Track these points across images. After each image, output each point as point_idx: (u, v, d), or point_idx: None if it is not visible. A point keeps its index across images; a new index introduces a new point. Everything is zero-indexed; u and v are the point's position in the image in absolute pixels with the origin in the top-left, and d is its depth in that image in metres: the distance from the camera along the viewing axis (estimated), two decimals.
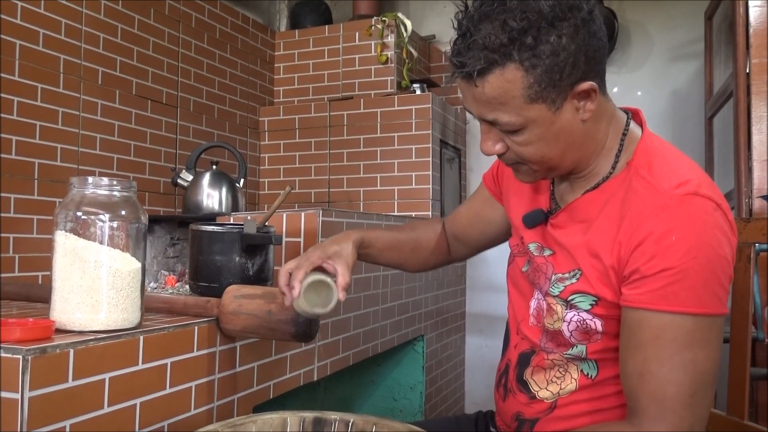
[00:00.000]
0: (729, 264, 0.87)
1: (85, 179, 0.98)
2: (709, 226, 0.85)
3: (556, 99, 0.89)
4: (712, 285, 0.84)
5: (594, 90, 0.90)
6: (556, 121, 0.90)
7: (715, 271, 0.85)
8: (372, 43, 2.78)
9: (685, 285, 0.83)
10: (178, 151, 2.30)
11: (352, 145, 2.69)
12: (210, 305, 1.17)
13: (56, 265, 0.96)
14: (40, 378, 0.82)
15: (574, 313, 0.94)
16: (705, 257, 0.84)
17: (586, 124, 0.93)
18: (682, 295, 0.83)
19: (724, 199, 0.89)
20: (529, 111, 0.89)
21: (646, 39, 2.96)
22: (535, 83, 0.87)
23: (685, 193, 0.86)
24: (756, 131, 1.84)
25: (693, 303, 0.84)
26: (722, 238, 0.86)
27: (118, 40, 2.05)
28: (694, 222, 0.85)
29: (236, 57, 2.67)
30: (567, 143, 0.93)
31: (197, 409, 1.12)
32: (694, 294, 0.83)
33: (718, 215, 0.87)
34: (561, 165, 0.96)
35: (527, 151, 0.93)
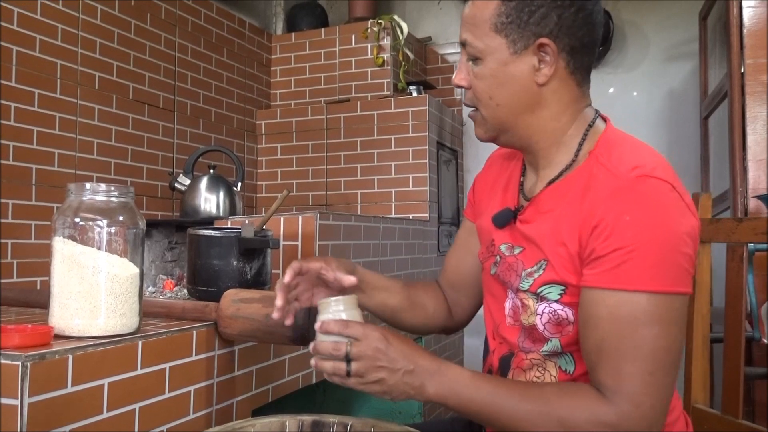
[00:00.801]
0: (687, 243, 0.86)
1: (83, 185, 0.98)
2: (664, 206, 0.86)
3: (517, 41, 0.93)
4: (668, 263, 0.84)
5: (553, 51, 0.92)
6: (510, 64, 0.94)
7: (671, 249, 0.84)
8: (368, 46, 2.78)
9: (639, 263, 0.83)
10: (175, 155, 2.31)
11: (349, 148, 2.70)
12: (208, 309, 1.17)
13: (54, 271, 0.96)
14: (39, 384, 0.82)
15: (546, 305, 0.94)
16: (659, 235, 0.84)
17: (544, 93, 0.95)
18: (636, 273, 0.83)
19: (680, 183, 0.90)
20: (491, 40, 0.94)
21: (642, 39, 2.97)
22: (504, 14, 0.93)
23: (639, 174, 0.87)
24: (751, 131, 1.85)
25: (648, 281, 0.83)
26: (679, 217, 0.86)
27: (114, 44, 2.06)
28: (648, 201, 0.85)
29: (233, 60, 2.67)
30: (519, 99, 0.95)
31: (196, 413, 1.12)
32: (649, 272, 0.83)
33: (673, 195, 0.87)
34: (512, 125, 0.98)
35: (479, 86, 0.97)
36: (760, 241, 1.16)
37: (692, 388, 1.27)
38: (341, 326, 0.92)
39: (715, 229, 1.26)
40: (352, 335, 0.90)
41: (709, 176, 2.63)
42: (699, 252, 1.30)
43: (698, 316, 1.27)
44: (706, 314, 1.27)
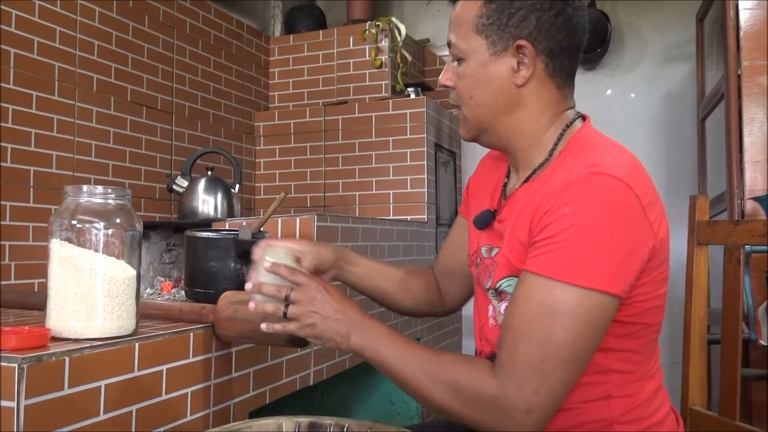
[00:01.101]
0: (631, 242, 0.85)
1: (80, 188, 0.98)
2: (609, 203, 0.84)
3: (497, 43, 0.95)
4: (597, 260, 0.82)
5: (530, 52, 0.94)
6: (490, 65, 0.96)
7: (605, 246, 0.83)
8: (366, 48, 2.79)
9: (563, 253, 0.83)
10: (173, 157, 2.31)
11: (347, 150, 2.70)
12: (205, 311, 1.17)
13: (51, 273, 0.97)
14: (35, 386, 0.82)
15: (505, 303, 0.96)
16: (595, 230, 0.83)
17: (523, 94, 0.97)
18: (559, 263, 0.83)
19: (643, 186, 0.88)
20: (472, 41, 0.97)
21: (639, 41, 2.98)
22: (485, 15, 0.96)
23: (591, 171, 0.87)
24: (747, 133, 1.86)
25: (566, 272, 0.82)
26: (624, 216, 0.85)
27: (112, 47, 2.06)
28: (593, 197, 0.85)
29: (231, 62, 2.68)
30: (497, 99, 0.97)
31: (193, 415, 1.12)
32: (571, 264, 0.83)
33: (626, 194, 0.85)
34: (491, 125, 1.00)
35: (461, 85, 0.99)
36: (757, 243, 1.16)
37: (689, 389, 1.27)
38: (289, 271, 1.00)
39: (712, 231, 1.26)
40: (295, 281, 0.99)
41: (706, 178, 2.63)
42: (696, 254, 1.30)
43: (695, 318, 1.27)
44: (703, 316, 1.27)
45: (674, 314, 2.55)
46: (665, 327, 0.99)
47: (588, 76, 3.03)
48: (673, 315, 2.94)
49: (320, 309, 0.97)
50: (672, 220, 0.99)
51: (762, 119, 1.87)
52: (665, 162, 2.90)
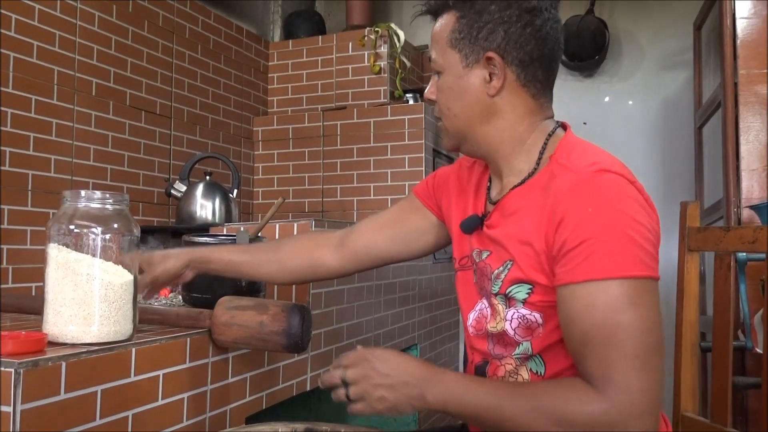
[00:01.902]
0: (647, 233, 0.88)
1: (78, 192, 0.99)
2: (623, 196, 0.88)
3: (469, 55, 1.00)
4: (633, 249, 0.86)
5: (499, 64, 0.98)
6: (464, 77, 1.01)
7: (633, 236, 0.86)
8: (365, 53, 2.79)
9: (605, 252, 0.85)
10: (172, 161, 2.31)
11: (346, 155, 2.71)
12: (202, 316, 1.18)
13: (49, 278, 0.97)
14: (32, 391, 0.82)
15: (514, 310, 0.97)
16: (621, 224, 0.86)
17: (497, 104, 1.00)
18: (604, 262, 0.85)
19: (636, 180, 0.92)
20: (448, 55, 1.02)
21: (637, 48, 2.99)
22: (457, 30, 1.01)
23: (597, 169, 0.90)
24: (744, 141, 1.86)
25: (615, 268, 0.85)
26: (638, 207, 0.88)
27: (112, 51, 2.06)
28: (608, 193, 0.88)
29: (230, 67, 2.68)
30: (472, 109, 1.01)
31: (190, 420, 1.12)
32: (616, 259, 0.85)
33: (631, 189, 0.90)
34: (470, 134, 1.03)
35: (440, 98, 1.04)
36: (747, 249, 1.16)
37: (681, 395, 1.27)
38: (335, 362, 1.01)
39: (704, 238, 1.27)
40: (344, 364, 0.99)
41: (703, 185, 2.64)
42: (687, 260, 1.31)
43: (686, 324, 1.28)
44: (695, 322, 1.27)
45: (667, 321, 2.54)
46: None
47: (586, 83, 3.04)
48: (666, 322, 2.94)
49: (382, 380, 0.94)
50: (668, 227, 1.00)
51: (759, 127, 1.88)
52: (662, 169, 2.91)
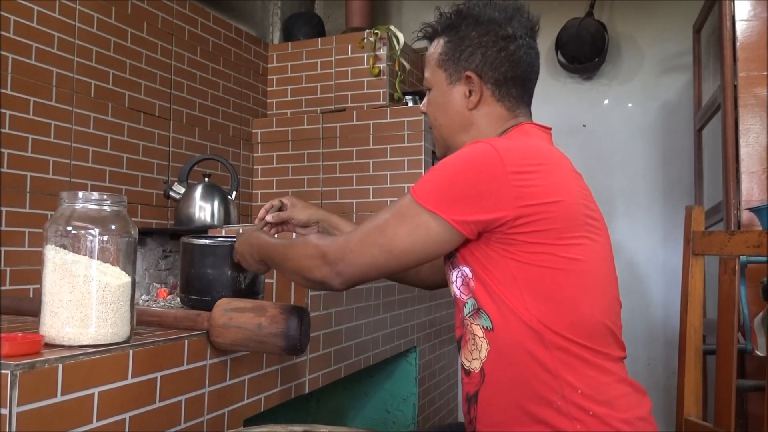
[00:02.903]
0: (468, 184, 0.99)
1: (75, 194, 0.98)
2: (470, 154, 1.01)
3: (453, 74, 1.15)
4: (440, 187, 1.00)
5: (476, 82, 1.13)
6: (448, 93, 1.16)
7: (451, 180, 1.00)
8: (364, 56, 2.79)
9: (423, 178, 1.04)
10: (170, 163, 2.31)
11: (345, 157, 2.70)
12: (200, 318, 1.17)
13: (46, 279, 0.96)
14: (28, 393, 0.82)
15: (457, 270, 1.09)
16: (447, 167, 1.01)
17: (475, 116, 1.15)
18: (417, 184, 1.03)
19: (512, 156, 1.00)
20: (436, 74, 1.18)
21: (637, 52, 2.99)
22: (443, 52, 1.16)
23: (476, 140, 1.06)
24: (744, 143, 1.86)
25: (419, 191, 1.02)
26: (473, 164, 1.00)
27: (110, 53, 2.06)
28: (463, 151, 1.03)
29: (229, 69, 2.68)
30: (454, 120, 1.17)
31: (187, 423, 1.12)
32: (423, 185, 1.02)
33: (489, 154, 0.99)
34: (452, 142, 1.18)
35: (429, 111, 1.21)
36: (751, 253, 1.16)
37: (684, 400, 1.27)
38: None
39: (708, 242, 1.26)
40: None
41: (702, 188, 2.64)
42: (691, 264, 1.30)
43: (690, 328, 1.27)
44: (699, 327, 1.27)
45: (670, 324, 2.54)
46: (661, 338, 0.99)
47: (586, 85, 3.04)
48: (669, 325, 2.91)
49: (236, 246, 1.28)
50: (667, 228, 1.01)
51: (758, 130, 1.87)
52: (662, 172, 2.90)
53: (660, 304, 2.83)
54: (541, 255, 0.99)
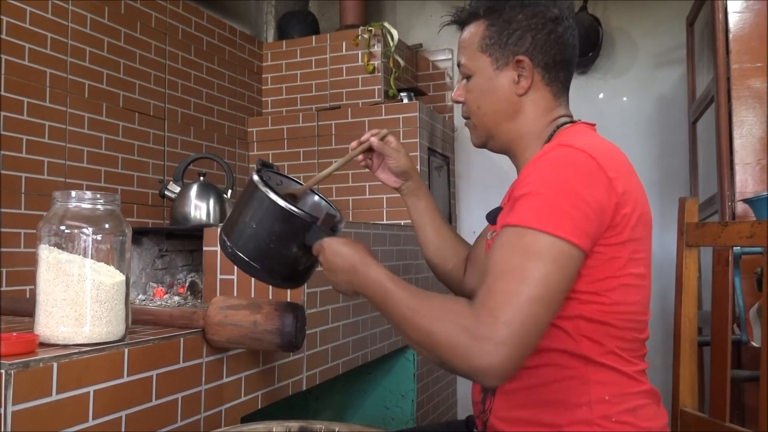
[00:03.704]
0: (586, 202, 0.91)
1: (68, 193, 0.98)
2: (571, 166, 0.93)
3: (499, 59, 1.10)
4: (558, 212, 0.90)
5: (528, 65, 1.08)
6: (495, 79, 1.11)
7: (565, 201, 0.90)
8: (359, 53, 2.79)
9: (530, 204, 0.91)
10: (166, 162, 2.31)
11: (341, 155, 2.68)
12: (195, 316, 1.17)
13: (40, 279, 0.96)
14: (23, 392, 0.82)
15: None
16: (557, 188, 0.91)
17: (524, 102, 1.10)
18: (525, 212, 0.91)
19: (606, 159, 0.94)
20: (478, 59, 1.12)
21: (631, 45, 2.99)
22: (488, 37, 1.11)
23: (559, 144, 0.98)
24: (738, 135, 1.86)
25: (533, 219, 0.90)
26: (583, 178, 0.92)
27: (104, 53, 2.06)
28: (557, 161, 0.95)
29: (224, 68, 2.68)
30: (500, 107, 1.11)
31: (184, 421, 1.12)
32: (537, 212, 0.90)
33: (588, 162, 0.93)
34: (496, 131, 1.13)
35: (471, 98, 1.14)
36: (745, 244, 1.16)
37: (680, 391, 1.27)
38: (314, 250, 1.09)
39: (701, 233, 1.26)
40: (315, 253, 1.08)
41: (697, 180, 2.64)
42: (685, 256, 1.31)
43: (685, 319, 1.28)
44: (693, 318, 1.27)
45: (666, 317, 2.54)
46: (656, 330, 1.00)
47: (580, 80, 3.04)
48: (665, 317, 2.92)
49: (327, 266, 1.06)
50: (664, 222, 1.01)
51: (752, 121, 1.88)
52: (657, 165, 2.91)
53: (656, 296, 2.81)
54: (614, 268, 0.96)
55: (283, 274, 1.10)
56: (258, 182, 1.07)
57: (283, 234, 1.06)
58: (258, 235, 1.06)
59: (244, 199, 1.10)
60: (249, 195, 1.09)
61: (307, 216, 1.06)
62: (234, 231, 1.09)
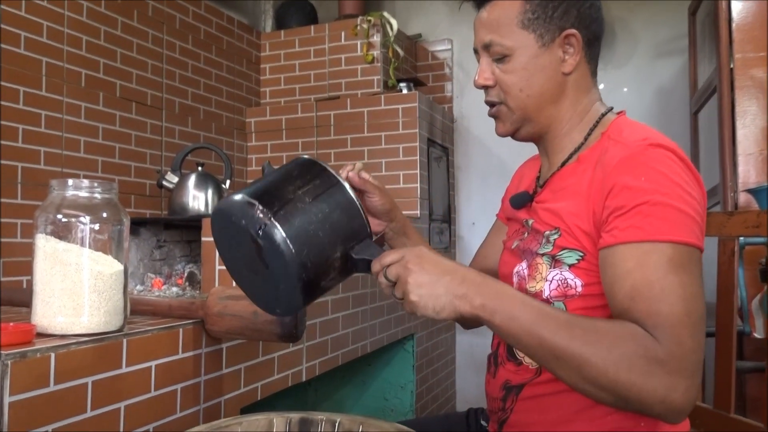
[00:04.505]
0: (699, 204, 0.89)
1: (65, 182, 0.97)
2: (676, 169, 0.89)
3: (544, 35, 1.01)
4: (684, 218, 0.86)
5: (578, 40, 1.01)
6: (540, 56, 1.01)
7: (685, 207, 0.86)
8: (358, 43, 2.77)
9: (660, 217, 0.85)
10: (164, 153, 2.29)
11: (340, 145, 2.69)
12: (194, 307, 1.16)
13: (37, 268, 0.95)
14: (20, 383, 0.81)
15: (557, 271, 0.96)
16: (675, 194, 0.86)
17: (568, 82, 1.03)
18: (659, 225, 0.85)
19: (686, 157, 0.92)
20: (519, 36, 1.01)
21: (631, 36, 2.97)
22: (529, 11, 1.00)
23: (649, 143, 0.91)
24: (740, 125, 1.85)
25: (670, 232, 0.85)
26: (689, 180, 0.89)
27: (101, 42, 2.04)
28: (661, 165, 0.89)
29: (222, 58, 2.66)
30: (545, 87, 1.02)
31: (183, 412, 1.11)
32: (670, 224, 0.85)
33: (682, 165, 0.90)
34: (536, 115, 1.04)
35: (509, 79, 1.02)
36: (750, 234, 1.15)
37: None
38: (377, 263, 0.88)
39: (707, 223, 1.25)
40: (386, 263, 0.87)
41: (699, 171, 2.63)
42: None
43: None
44: None
45: None
46: None
47: None
48: None
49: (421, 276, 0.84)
50: None
51: (755, 112, 1.86)
52: None
53: None
54: None
55: (309, 276, 0.84)
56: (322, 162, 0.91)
57: (338, 226, 0.86)
58: (309, 213, 0.84)
59: (295, 172, 0.89)
60: (305, 170, 0.89)
61: (368, 223, 0.90)
62: (274, 198, 0.84)
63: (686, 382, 0.78)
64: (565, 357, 0.80)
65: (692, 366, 0.79)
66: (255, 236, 0.82)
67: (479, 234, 3.09)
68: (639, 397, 0.78)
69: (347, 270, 0.89)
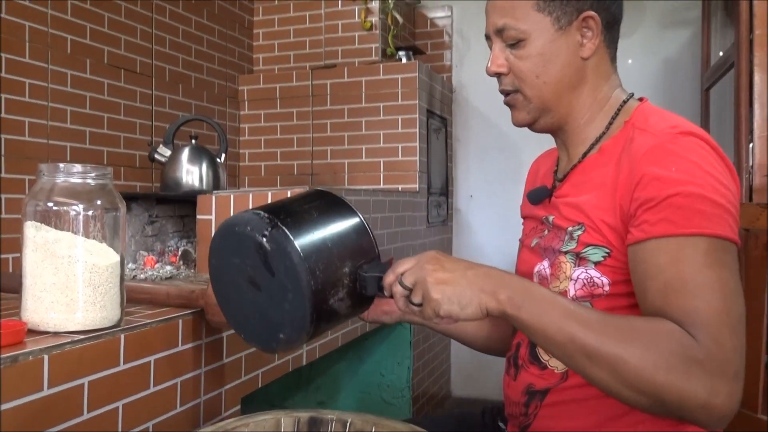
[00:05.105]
0: (733, 195, 0.84)
1: (56, 166, 0.89)
2: (708, 159, 0.85)
3: (561, 17, 0.95)
4: (719, 210, 0.81)
5: (596, 23, 0.95)
6: (557, 40, 0.96)
7: (719, 198, 0.82)
8: (356, 8, 2.67)
9: (694, 209, 0.81)
10: (154, 122, 2.20)
11: (336, 116, 2.60)
12: (195, 296, 1.10)
13: (26, 260, 0.88)
14: (12, 389, 0.75)
15: (582, 270, 0.91)
16: (708, 184, 0.82)
17: (587, 67, 0.98)
18: (692, 218, 0.80)
19: (718, 146, 0.88)
20: (534, 20, 0.95)
21: (637, 5, 2.88)
22: None
23: (679, 131, 0.87)
24: (758, 105, 1.78)
25: (705, 225, 0.80)
26: (722, 170, 0.85)
27: (87, 5, 1.93)
28: (692, 154, 0.84)
29: (213, 23, 2.54)
30: (563, 72, 0.97)
31: (183, 406, 1.06)
32: (705, 217, 0.80)
33: (714, 154, 0.86)
34: (556, 103, 0.98)
35: (524, 66, 0.97)
36: None
37: None
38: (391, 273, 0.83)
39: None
40: (401, 271, 0.83)
41: None
42: None
43: None
44: None
45: None
46: None
47: None
48: None
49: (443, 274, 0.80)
50: None
51: None
52: None
53: None
54: None
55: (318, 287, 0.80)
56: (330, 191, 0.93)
57: (347, 241, 0.85)
58: (317, 224, 0.84)
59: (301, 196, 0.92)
60: (313, 196, 0.91)
61: (377, 245, 0.89)
62: (280, 210, 0.84)
63: (728, 386, 0.73)
64: (598, 356, 0.75)
65: (734, 368, 0.74)
66: (261, 240, 0.81)
67: (477, 207, 3.04)
68: (679, 400, 0.73)
69: (356, 293, 0.85)
